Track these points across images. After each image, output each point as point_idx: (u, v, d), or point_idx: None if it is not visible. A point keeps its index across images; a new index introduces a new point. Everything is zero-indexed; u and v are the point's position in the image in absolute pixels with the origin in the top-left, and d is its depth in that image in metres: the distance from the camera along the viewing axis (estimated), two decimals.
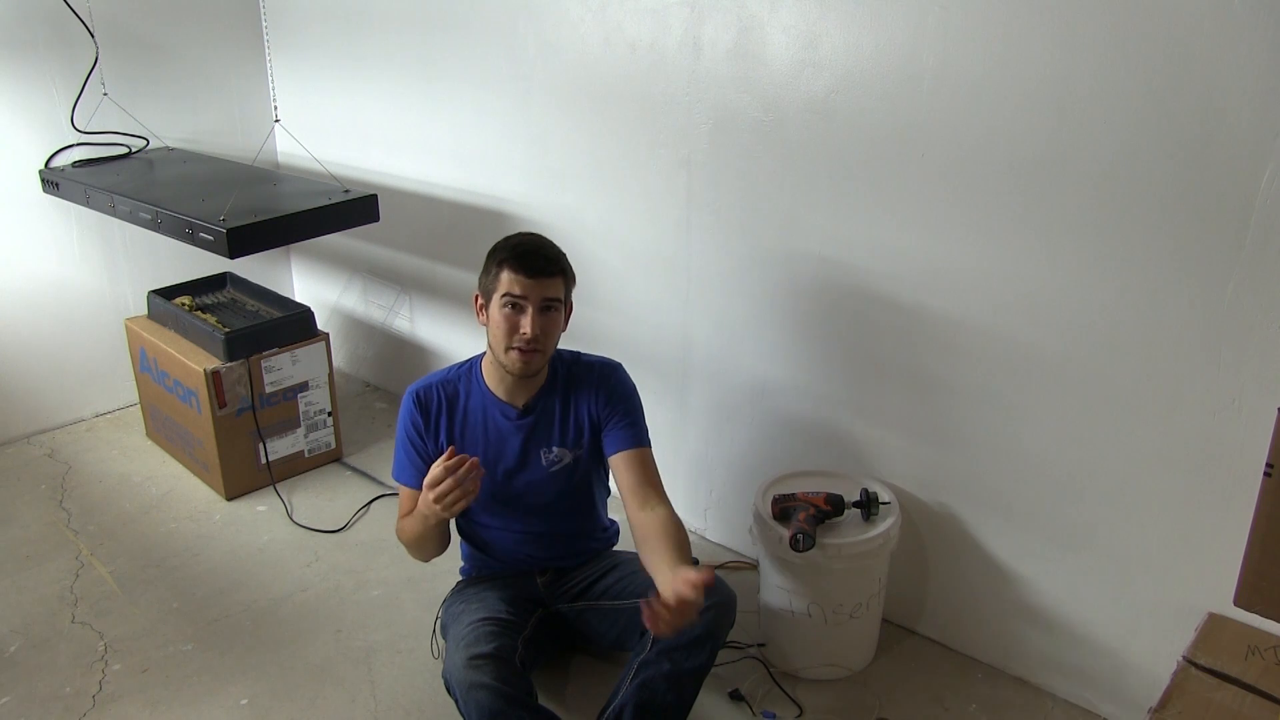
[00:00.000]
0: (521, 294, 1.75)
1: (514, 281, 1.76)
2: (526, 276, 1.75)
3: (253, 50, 3.25)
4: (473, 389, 1.90)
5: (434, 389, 1.91)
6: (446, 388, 1.91)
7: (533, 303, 1.76)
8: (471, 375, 1.92)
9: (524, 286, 1.75)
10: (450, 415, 1.89)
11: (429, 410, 1.89)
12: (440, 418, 1.89)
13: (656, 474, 1.87)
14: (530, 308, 1.76)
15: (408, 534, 1.89)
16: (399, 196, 2.97)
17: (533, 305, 1.76)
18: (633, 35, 2.22)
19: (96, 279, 3.12)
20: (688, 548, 1.72)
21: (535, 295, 1.76)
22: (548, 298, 1.78)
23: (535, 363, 1.81)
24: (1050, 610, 1.94)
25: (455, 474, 1.67)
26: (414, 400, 1.90)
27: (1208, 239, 1.56)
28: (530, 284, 1.75)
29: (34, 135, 2.89)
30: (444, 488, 1.67)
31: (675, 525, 1.75)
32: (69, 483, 2.82)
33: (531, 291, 1.76)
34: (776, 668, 2.05)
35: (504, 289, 1.76)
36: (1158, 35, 1.52)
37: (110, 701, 1.98)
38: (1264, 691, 1.49)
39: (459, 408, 1.90)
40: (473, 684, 1.62)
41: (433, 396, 1.90)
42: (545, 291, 1.77)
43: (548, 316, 1.79)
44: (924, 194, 1.86)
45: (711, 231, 2.24)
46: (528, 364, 1.80)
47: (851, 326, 2.07)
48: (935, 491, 2.05)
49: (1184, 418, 1.67)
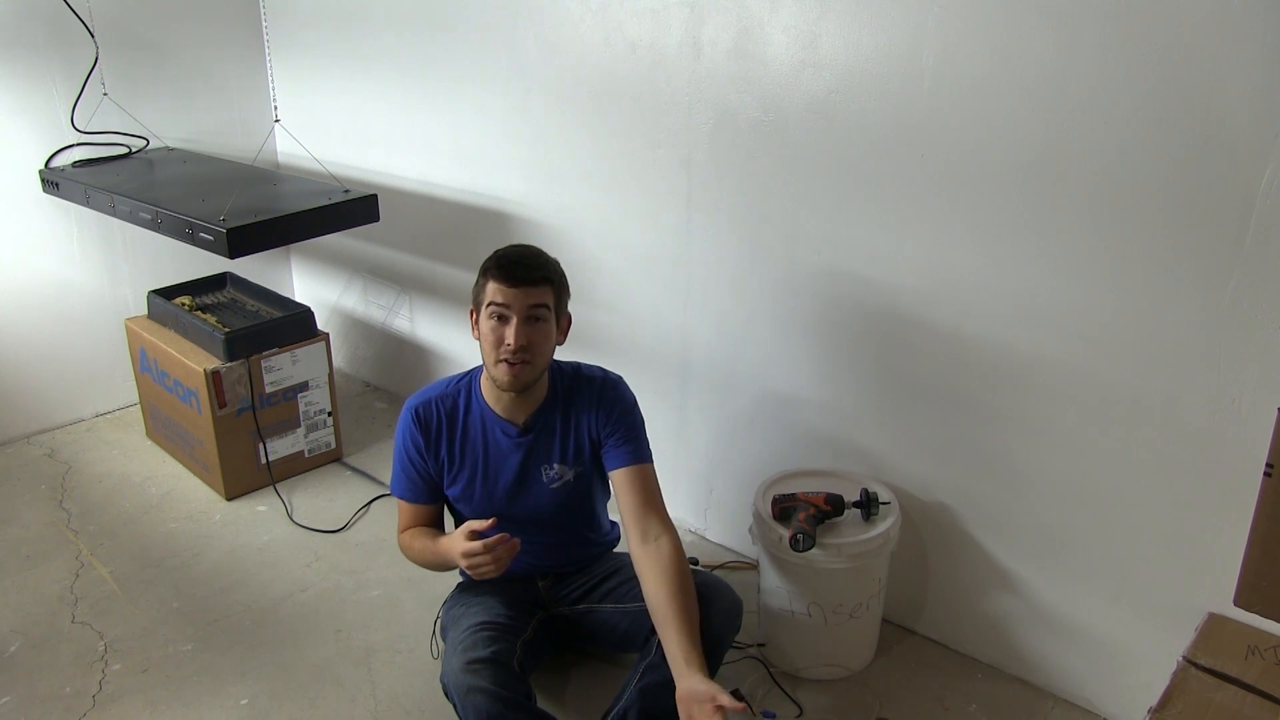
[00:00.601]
0: (505, 303, 1.72)
1: (497, 290, 1.73)
2: (509, 285, 1.72)
3: (253, 50, 3.25)
4: (472, 405, 1.88)
5: (433, 405, 1.88)
6: (445, 403, 1.88)
7: (517, 312, 1.72)
8: (471, 390, 1.89)
9: (507, 295, 1.72)
10: (450, 432, 1.87)
11: (429, 428, 1.87)
12: (440, 435, 1.87)
13: (658, 492, 1.84)
14: (515, 317, 1.72)
15: (418, 556, 1.89)
16: (399, 196, 2.97)
17: (517, 315, 1.72)
18: (633, 35, 2.22)
19: (96, 279, 3.12)
20: (692, 593, 1.69)
21: (520, 304, 1.72)
22: (533, 305, 1.73)
23: (524, 375, 1.76)
24: (1050, 610, 1.94)
25: (494, 551, 1.68)
26: (413, 418, 1.87)
27: (1208, 239, 1.56)
28: (513, 293, 1.72)
29: (34, 135, 2.89)
30: (479, 560, 1.69)
31: (678, 570, 1.70)
32: (69, 483, 2.82)
33: (515, 300, 1.72)
34: (776, 668, 2.05)
35: (489, 299, 1.74)
36: (1157, 35, 1.52)
37: (110, 701, 1.98)
38: (1264, 691, 1.49)
39: (458, 424, 1.87)
40: (470, 688, 1.62)
41: (432, 413, 1.87)
42: (530, 300, 1.73)
43: (534, 327, 1.74)
44: (923, 194, 1.86)
45: (711, 232, 2.24)
46: (516, 377, 1.75)
47: (851, 325, 2.07)
48: (935, 491, 2.05)
49: (1184, 418, 1.67)
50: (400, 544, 1.95)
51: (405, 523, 1.93)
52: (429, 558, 1.86)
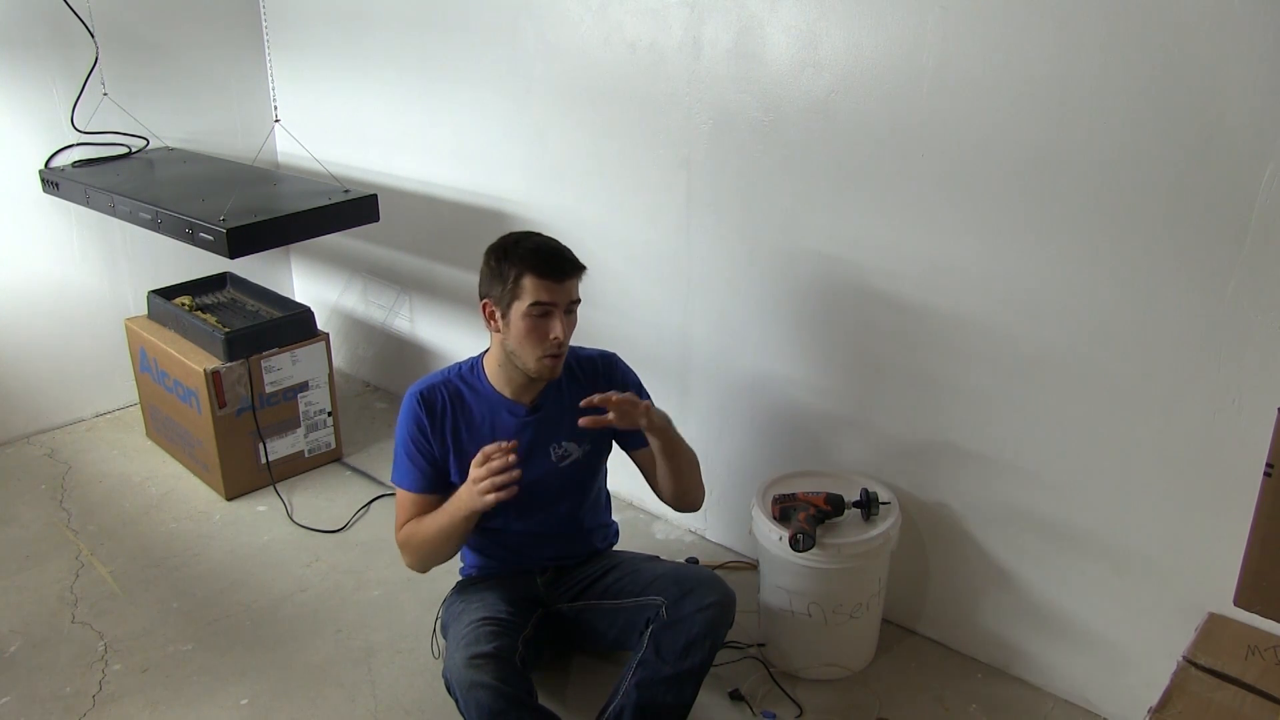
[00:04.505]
0: (551, 300, 1.74)
1: (542, 288, 1.73)
2: (555, 281, 1.74)
3: (253, 50, 3.25)
4: (477, 388, 1.89)
5: (437, 389, 1.89)
6: (449, 387, 1.89)
7: (561, 307, 1.76)
8: (475, 375, 1.91)
9: (553, 292, 1.74)
10: (455, 414, 1.88)
11: (434, 409, 1.87)
12: (445, 417, 1.87)
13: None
14: (559, 312, 1.76)
15: (426, 536, 1.84)
16: (399, 196, 2.97)
17: (561, 309, 1.76)
18: (633, 35, 2.22)
19: (96, 279, 3.12)
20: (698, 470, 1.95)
21: (563, 299, 1.76)
22: (573, 300, 1.79)
23: (560, 365, 1.81)
24: (1050, 610, 1.94)
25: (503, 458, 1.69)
26: (418, 400, 1.88)
27: (1208, 238, 1.56)
28: (560, 288, 1.75)
29: (34, 135, 2.89)
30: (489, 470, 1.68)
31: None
32: (69, 483, 2.82)
33: (560, 296, 1.75)
34: (776, 668, 2.05)
35: (532, 297, 1.74)
36: (1158, 35, 1.52)
37: (110, 701, 1.98)
38: (1264, 691, 1.49)
39: (463, 407, 1.89)
40: (473, 683, 1.62)
41: (437, 396, 1.88)
42: (570, 294, 1.78)
43: (571, 317, 1.80)
44: (924, 194, 1.86)
45: (711, 231, 2.24)
46: (557, 367, 1.80)
47: (851, 326, 2.07)
48: (935, 491, 2.05)
49: (1184, 417, 1.67)
50: (401, 538, 1.89)
51: (406, 515, 1.90)
52: (441, 525, 1.80)
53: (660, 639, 1.74)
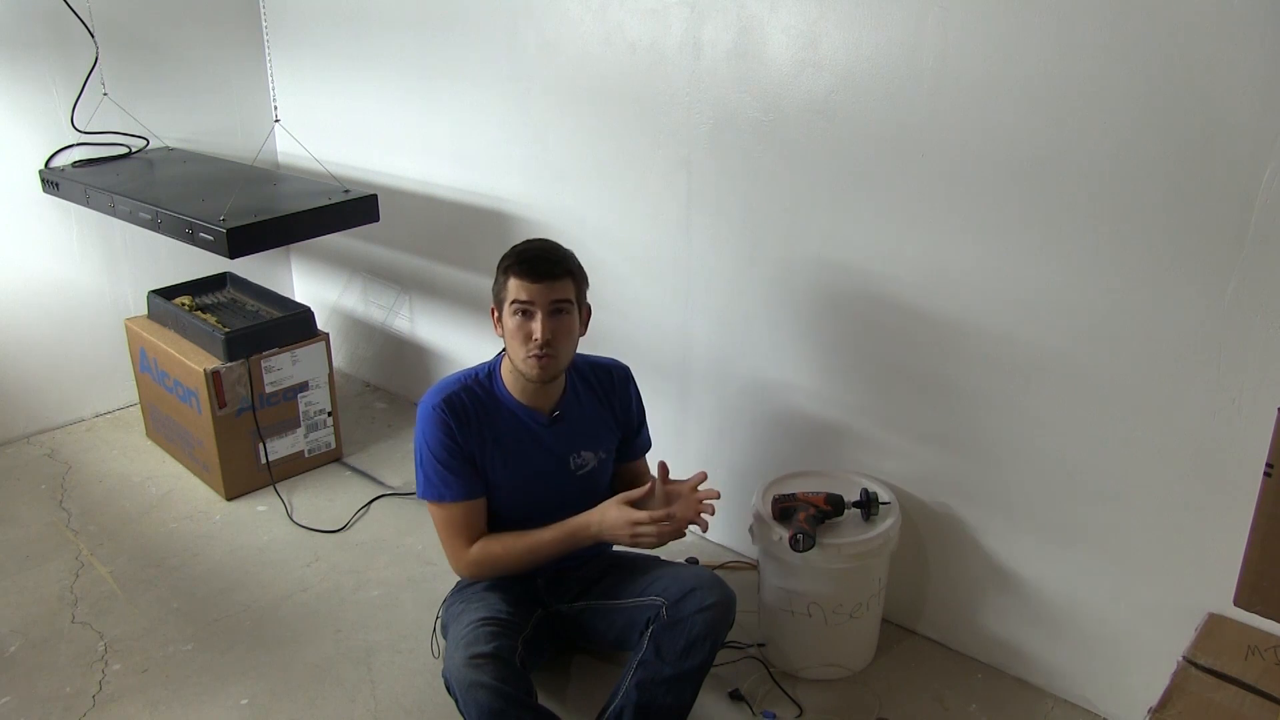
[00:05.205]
0: (529, 299, 1.77)
1: (520, 287, 1.77)
2: (532, 281, 1.76)
3: (253, 50, 3.25)
4: (497, 393, 1.89)
5: (462, 394, 1.87)
6: (470, 393, 1.88)
7: (541, 307, 1.77)
8: (492, 381, 1.91)
9: (530, 291, 1.76)
10: (482, 419, 1.86)
11: (463, 414, 1.84)
12: (471, 422, 1.85)
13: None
14: (539, 312, 1.77)
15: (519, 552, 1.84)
16: (399, 196, 2.97)
17: (541, 310, 1.77)
18: (633, 35, 2.22)
19: (96, 279, 3.12)
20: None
21: (543, 299, 1.77)
22: (556, 300, 1.78)
23: (552, 367, 1.81)
24: (1050, 610, 1.94)
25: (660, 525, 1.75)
26: (445, 408, 1.84)
27: (1208, 239, 1.56)
28: (537, 288, 1.76)
29: (34, 135, 2.89)
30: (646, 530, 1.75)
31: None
32: (69, 483, 2.82)
33: (539, 296, 1.77)
34: (776, 668, 2.05)
35: (512, 296, 1.78)
36: (1157, 35, 1.52)
37: (110, 701, 1.98)
38: (1264, 691, 1.49)
39: (489, 411, 1.88)
40: (473, 683, 1.62)
41: (464, 401, 1.86)
42: (553, 294, 1.78)
43: (559, 320, 1.79)
44: (924, 194, 1.86)
45: (711, 231, 2.24)
46: (545, 369, 1.80)
47: (852, 326, 2.07)
48: (935, 491, 2.05)
49: (1184, 417, 1.67)
50: (474, 556, 1.84)
51: (459, 528, 1.84)
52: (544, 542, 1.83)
53: (660, 639, 1.75)
